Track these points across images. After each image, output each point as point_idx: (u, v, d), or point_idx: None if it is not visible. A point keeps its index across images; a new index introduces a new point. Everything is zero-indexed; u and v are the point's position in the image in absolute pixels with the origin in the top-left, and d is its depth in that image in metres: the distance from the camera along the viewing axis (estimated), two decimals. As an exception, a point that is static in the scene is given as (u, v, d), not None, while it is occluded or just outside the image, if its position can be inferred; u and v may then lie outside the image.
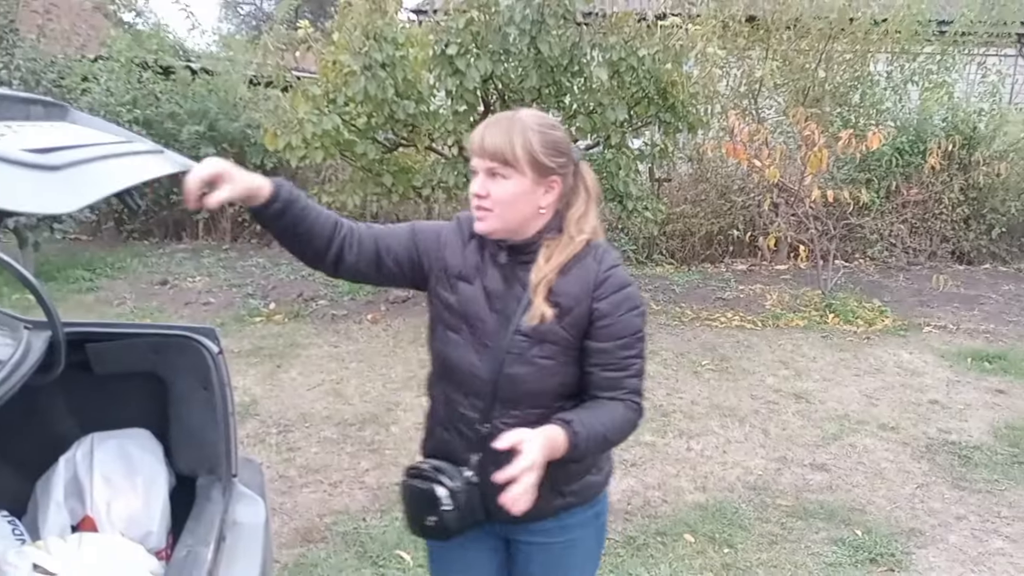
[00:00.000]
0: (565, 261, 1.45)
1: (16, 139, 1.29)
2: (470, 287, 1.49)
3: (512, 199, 1.42)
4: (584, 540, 1.62)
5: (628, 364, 1.46)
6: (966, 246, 8.46)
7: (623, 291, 1.46)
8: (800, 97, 8.08)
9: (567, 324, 1.44)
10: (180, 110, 8.23)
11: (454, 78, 5.23)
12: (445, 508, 1.43)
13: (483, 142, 1.42)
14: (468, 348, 1.47)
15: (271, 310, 6.18)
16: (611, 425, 1.45)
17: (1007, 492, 3.52)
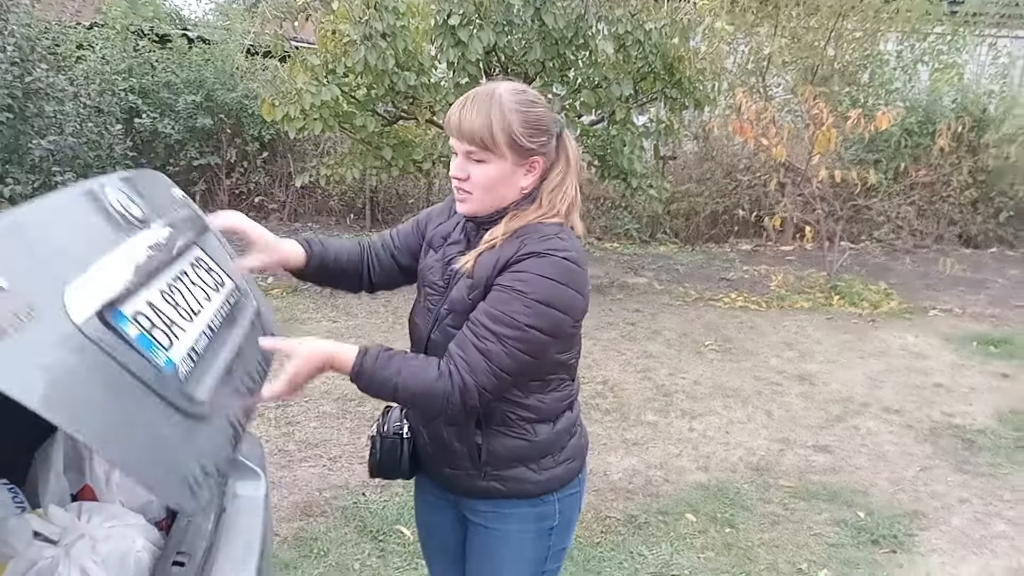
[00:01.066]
0: (517, 228, 1.39)
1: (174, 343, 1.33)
2: (433, 255, 1.53)
3: (492, 183, 1.38)
4: (520, 539, 1.52)
5: (482, 335, 1.33)
6: (973, 229, 8.40)
7: (524, 273, 1.33)
8: (809, 75, 7.96)
9: (474, 298, 1.39)
10: (176, 79, 8.09)
11: (456, 49, 5.12)
12: (369, 449, 1.58)
13: (460, 124, 1.35)
14: (419, 312, 1.53)
15: (269, 284, 6.12)
16: (410, 383, 1.33)
17: (1010, 476, 3.48)
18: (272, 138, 8.21)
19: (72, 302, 1.08)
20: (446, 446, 1.48)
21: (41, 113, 6.42)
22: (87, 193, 1.34)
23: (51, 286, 1.08)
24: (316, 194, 8.57)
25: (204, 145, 8.28)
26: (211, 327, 1.47)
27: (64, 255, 1.17)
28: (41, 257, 1.13)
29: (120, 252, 1.28)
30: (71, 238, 1.22)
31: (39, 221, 1.18)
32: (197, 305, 1.48)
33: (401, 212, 8.50)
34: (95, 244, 1.25)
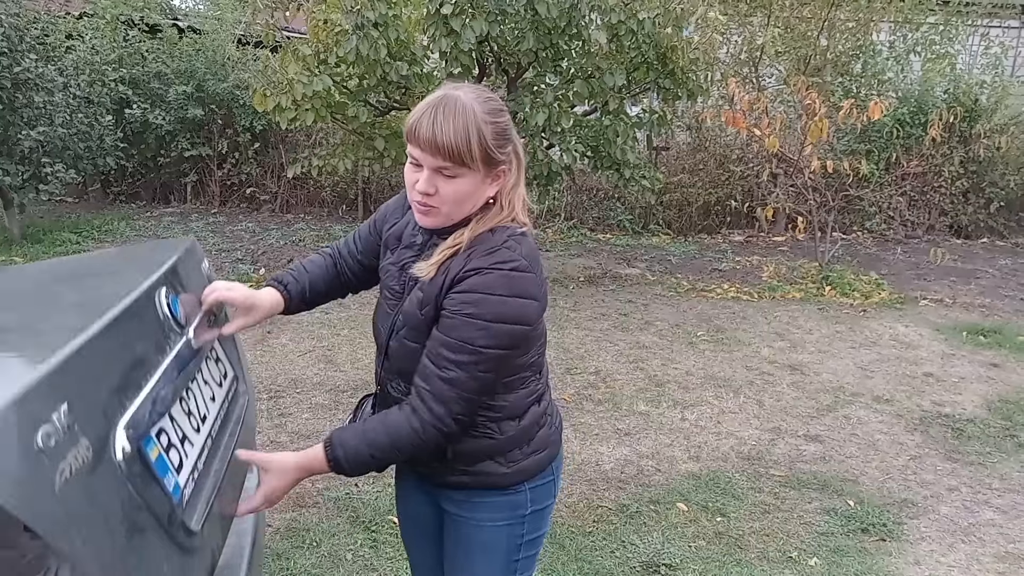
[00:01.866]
0: (480, 233, 1.36)
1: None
2: (389, 256, 1.51)
3: (462, 198, 1.33)
4: (491, 525, 1.52)
5: (443, 365, 1.33)
6: (964, 220, 8.43)
7: (471, 294, 1.31)
8: (801, 66, 7.96)
9: (426, 313, 1.38)
10: (167, 70, 8.05)
11: (449, 39, 5.09)
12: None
13: (434, 139, 1.27)
14: (380, 315, 1.52)
15: (261, 275, 6.11)
16: (384, 443, 1.37)
17: (999, 464, 3.51)
18: (264, 129, 8.17)
19: (119, 438, 1.11)
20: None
21: (30, 104, 6.38)
22: (147, 298, 1.38)
23: (105, 422, 1.10)
24: (308, 185, 8.54)
25: (195, 136, 8.24)
26: (211, 434, 1.50)
27: (120, 381, 1.20)
28: (103, 382, 1.15)
29: (163, 370, 1.32)
30: (128, 358, 1.25)
31: (104, 345, 1.18)
32: (205, 408, 1.51)
33: (394, 203, 8.47)
34: (145, 365, 1.29)
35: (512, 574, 1.57)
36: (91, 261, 1.80)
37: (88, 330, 1.15)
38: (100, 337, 1.16)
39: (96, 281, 1.60)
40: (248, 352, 4.45)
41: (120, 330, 1.25)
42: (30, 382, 0.97)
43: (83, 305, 1.38)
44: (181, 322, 1.47)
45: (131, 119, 7.82)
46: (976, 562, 2.77)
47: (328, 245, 1.74)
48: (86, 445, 1.02)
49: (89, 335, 1.14)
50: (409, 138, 1.32)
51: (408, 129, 1.32)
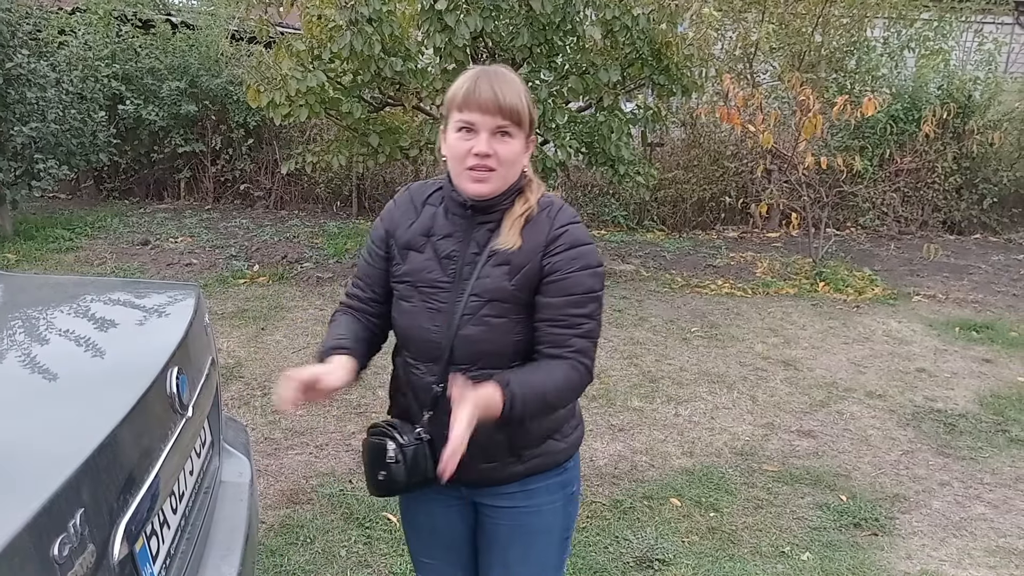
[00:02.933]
0: (532, 206, 1.44)
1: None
2: (419, 255, 1.48)
3: (515, 158, 1.41)
4: (550, 508, 1.58)
5: (577, 323, 1.41)
6: (957, 216, 8.45)
7: (576, 248, 1.42)
8: (796, 62, 7.97)
9: (517, 282, 1.41)
10: (160, 65, 8.00)
11: (443, 34, 5.08)
12: (391, 461, 1.43)
13: (499, 99, 1.35)
14: (421, 314, 1.46)
15: (255, 272, 6.09)
16: (551, 386, 1.41)
17: (990, 459, 3.53)
18: (258, 125, 8.14)
19: (118, 541, 1.12)
20: (486, 442, 1.44)
21: (23, 100, 6.34)
22: (159, 382, 1.38)
23: (110, 523, 1.11)
24: (302, 181, 8.51)
25: (189, 132, 8.21)
26: (185, 514, 1.50)
27: (127, 478, 1.19)
28: (114, 481, 1.15)
29: (163, 459, 1.33)
30: (137, 451, 1.26)
31: (119, 439, 1.18)
32: (184, 484, 1.51)
33: (387, 199, 8.35)
34: (151, 455, 1.30)
35: (563, 553, 1.64)
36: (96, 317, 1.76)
37: (108, 427, 1.15)
38: (117, 432, 1.17)
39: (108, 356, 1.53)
40: (242, 349, 4.46)
41: (134, 423, 1.25)
42: (54, 489, 0.97)
43: (100, 393, 1.34)
44: (185, 403, 1.47)
45: (124, 115, 7.78)
46: (967, 556, 2.79)
47: (342, 306, 1.61)
48: (91, 551, 1.02)
49: (109, 432, 1.14)
50: (463, 105, 1.37)
51: (461, 97, 1.37)
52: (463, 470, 1.44)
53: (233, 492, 1.87)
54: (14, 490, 0.98)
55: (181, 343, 1.54)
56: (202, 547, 1.59)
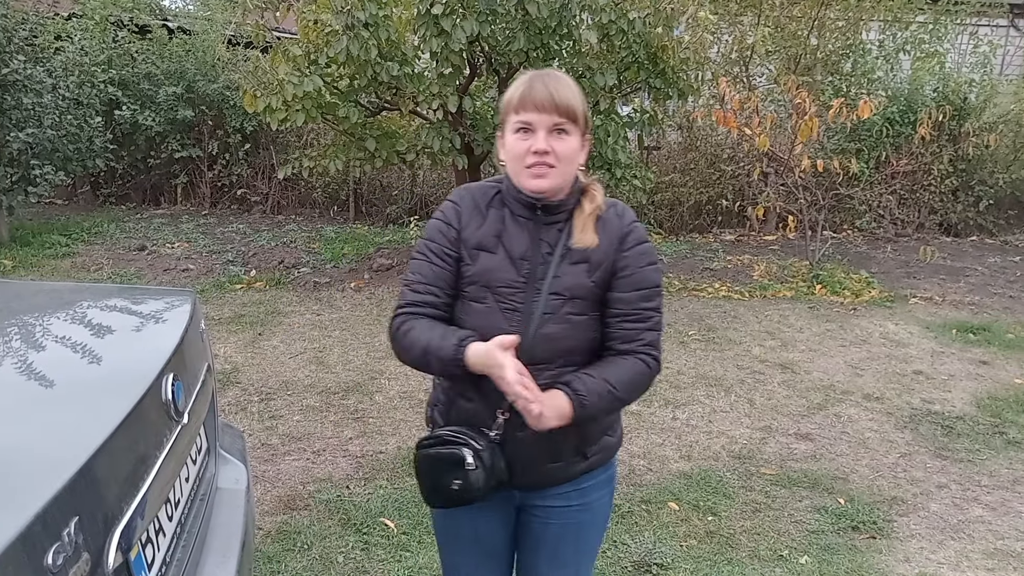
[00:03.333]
0: (600, 204, 1.49)
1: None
2: (491, 256, 1.48)
3: (573, 155, 1.45)
4: (599, 502, 1.64)
5: (647, 316, 1.48)
6: (953, 218, 8.47)
7: (644, 245, 1.50)
8: (791, 65, 7.99)
9: (596, 278, 1.46)
10: (157, 70, 8.01)
11: (439, 39, 5.09)
12: (470, 468, 1.42)
13: (555, 98, 1.41)
14: (495, 315, 1.47)
15: (252, 277, 6.09)
16: (619, 382, 1.45)
17: (988, 461, 3.53)
18: (254, 130, 8.15)
19: (112, 550, 1.11)
20: (557, 440, 1.46)
21: (19, 105, 6.33)
22: (155, 389, 1.38)
23: (104, 531, 1.10)
24: (299, 186, 8.52)
25: (185, 137, 8.21)
26: (181, 521, 1.49)
27: (122, 486, 1.19)
28: (110, 488, 1.15)
29: (158, 467, 1.33)
30: (132, 458, 1.26)
31: (115, 446, 1.18)
32: (180, 492, 1.50)
33: (385, 204, 8.46)
34: (146, 463, 1.30)
35: (600, 543, 1.74)
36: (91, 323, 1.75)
37: (103, 434, 1.14)
38: (112, 439, 1.16)
39: (104, 362, 1.53)
40: (239, 354, 4.45)
41: (129, 430, 1.25)
42: (48, 497, 0.96)
43: (95, 399, 1.34)
44: (181, 410, 1.47)
45: (121, 120, 7.78)
46: (965, 559, 2.78)
47: (411, 314, 1.51)
48: (86, 559, 1.01)
49: (104, 439, 1.13)
50: (519, 107, 1.43)
51: (517, 99, 1.43)
52: (526, 472, 1.50)
53: (229, 499, 1.86)
54: (7, 498, 0.97)
55: (176, 349, 1.53)
56: (198, 554, 1.58)
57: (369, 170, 6.73)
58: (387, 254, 6.67)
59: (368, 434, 3.57)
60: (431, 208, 8.11)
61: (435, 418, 1.62)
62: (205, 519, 1.68)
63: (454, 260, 1.50)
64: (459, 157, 5.73)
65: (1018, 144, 8.30)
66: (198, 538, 1.59)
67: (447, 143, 5.54)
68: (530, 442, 1.45)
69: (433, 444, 1.49)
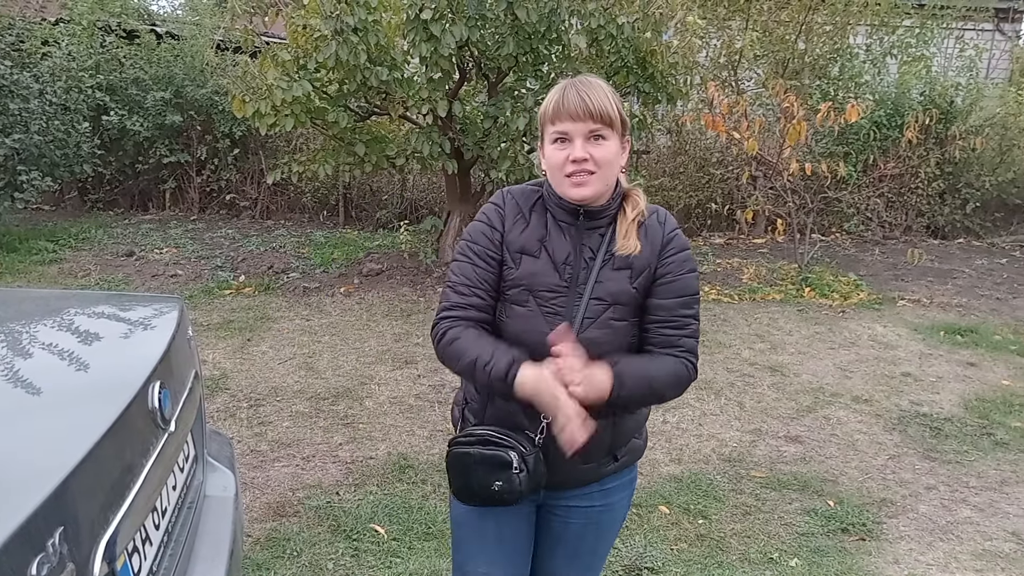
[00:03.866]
0: (643, 211, 1.50)
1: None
2: (535, 260, 1.49)
3: (613, 159, 1.45)
4: (620, 503, 1.66)
5: (685, 323, 1.49)
6: (941, 220, 8.53)
7: (684, 252, 1.51)
8: (780, 69, 8.04)
9: (638, 284, 1.47)
10: (145, 76, 7.98)
11: (428, 44, 5.09)
12: (516, 471, 1.43)
13: (588, 105, 1.41)
14: (537, 319, 1.47)
15: (241, 282, 6.06)
16: (658, 374, 1.46)
17: (976, 463, 3.55)
18: (243, 135, 8.12)
19: (98, 560, 1.10)
20: (591, 441, 1.44)
21: (5, 111, 6.30)
22: (141, 397, 1.38)
23: (90, 541, 1.09)
24: (288, 191, 8.50)
25: (174, 142, 8.18)
26: (168, 530, 1.48)
27: (108, 495, 1.18)
28: (96, 498, 1.14)
29: (145, 475, 1.32)
30: (119, 467, 1.25)
31: (101, 455, 1.17)
32: (167, 500, 1.49)
33: (374, 208, 8.45)
34: (132, 471, 1.29)
35: (614, 542, 1.79)
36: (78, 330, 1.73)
37: (89, 443, 1.13)
38: (98, 448, 1.15)
39: (90, 370, 1.51)
40: (228, 360, 4.43)
41: (116, 439, 1.24)
42: (32, 507, 0.95)
43: (81, 407, 1.33)
44: (167, 418, 1.46)
45: (108, 126, 7.74)
46: (954, 560, 2.80)
47: (457, 318, 1.50)
48: (71, 570, 1.01)
49: (89, 448, 1.13)
50: (555, 117, 1.44)
51: (552, 110, 1.44)
52: (560, 472, 1.51)
53: (217, 506, 1.85)
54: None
55: (163, 357, 1.52)
56: (186, 563, 1.57)
57: (359, 175, 6.72)
58: (377, 259, 6.65)
59: (358, 440, 3.56)
60: (421, 213, 8.11)
61: (467, 417, 1.60)
62: (193, 527, 1.67)
63: (497, 262, 1.51)
64: (449, 162, 5.73)
65: (1004, 147, 8.37)
66: (185, 546, 1.58)
67: (437, 147, 5.54)
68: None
69: (474, 443, 1.48)
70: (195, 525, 1.69)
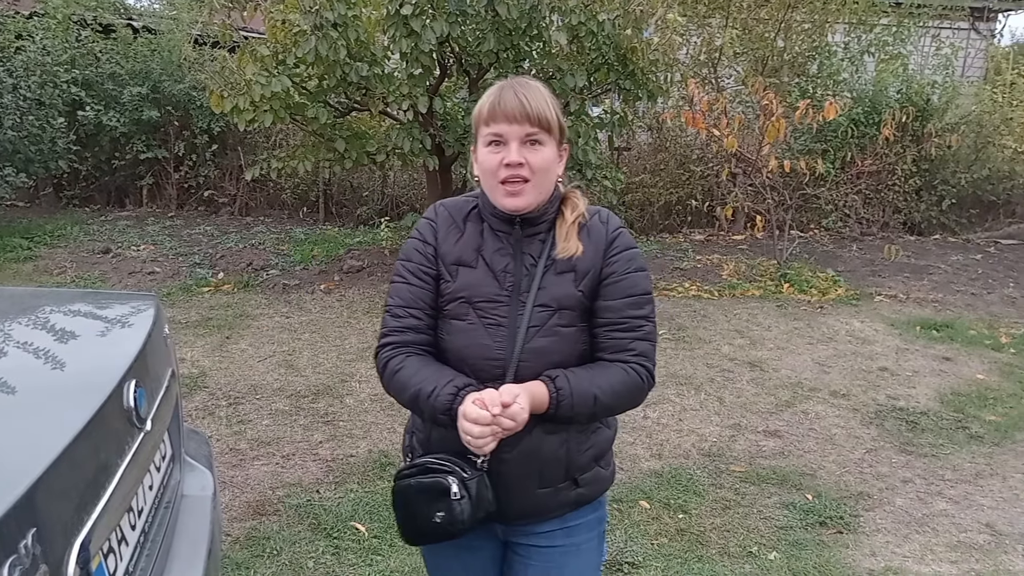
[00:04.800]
0: (583, 212, 1.45)
1: None
2: (472, 271, 1.43)
3: (549, 167, 1.40)
4: (587, 545, 1.53)
5: (636, 325, 1.41)
6: (917, 217, 8.63)
7: (631, 250, 1.45)
8: (759, 66, 8.08)
9: (584, 287, 1.41)
10: (121, 71, 7.87)
11: (409, 39, 5.07)
12: (456, 498, 1.34)
13: (526, 107, 1.35)
14: (478, 331, 1.40)
15: (219, 280, 6.01)
16: (606, 387, 1.38)
17: (951, 456, 3.60)
18: (222, 131, 8.04)
19: (72, 562, 1.09)
20: (545, 461, 1.41)
21: (-23, 106, 6.19)
22: (116, 396, 1.35)
23: (64, 542, 1.08)
24: (268, 187, 8.43)
25: (151, 138, 8.08)
26: (144, 530, 1.47)
27: (82, 496, 1.17)
28: (70, 498, 1.12)
29: (120, 475, 1.30)
30: (93, 467, 1.23)
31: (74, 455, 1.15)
32: (143, 500, 1.47)
33: (355, 205, 8.40)
34: (107, 471, 1.27)
35: None
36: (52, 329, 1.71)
37: (62, 443, 1.12)
38: (72, 448, 1.14)
39: (64, 369, 1.49)
40: (207, 358, 4.39)
41: (90, 438, 1.22)
42: (4, 508, 0.94)
43: (54, 407, 1.31)
44: (143, 417, 1.44)
45: (84, 121, 7.63)
46: (930, 552, 2.84)
47: (396, 344, 1.44)
48: (44, 572, 0.99)
49: (63, 448, 1.11)
50: (489, 118, 1.38)
51: (487, 111, 1.38)
52: (516, 498, 1.42)
53: (195, 506, 1.83)
54: (-39, 511, 0.95)
55: (139, 355, 1.51)
56: (163, 563, 1.55)
57: (339, 171, 6.68)
58: (358, 256, 6.62)
59: (338, 438, 3.54)
60: (402, 209, 8.08)
61: (414, 446, 1.52)
62: (170, 527, 1.66)
63: (432, 278, 1.45)
64: (429, 158, 5.71)
65: (979, 144, 8.48)
66: (163, 546, 1.56)
67: (417, 144, 5.52)
68: (518, 465, 1.39)
69: (415, 473, 1.40)
70: (172, 525, 1.68)
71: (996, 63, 10.02)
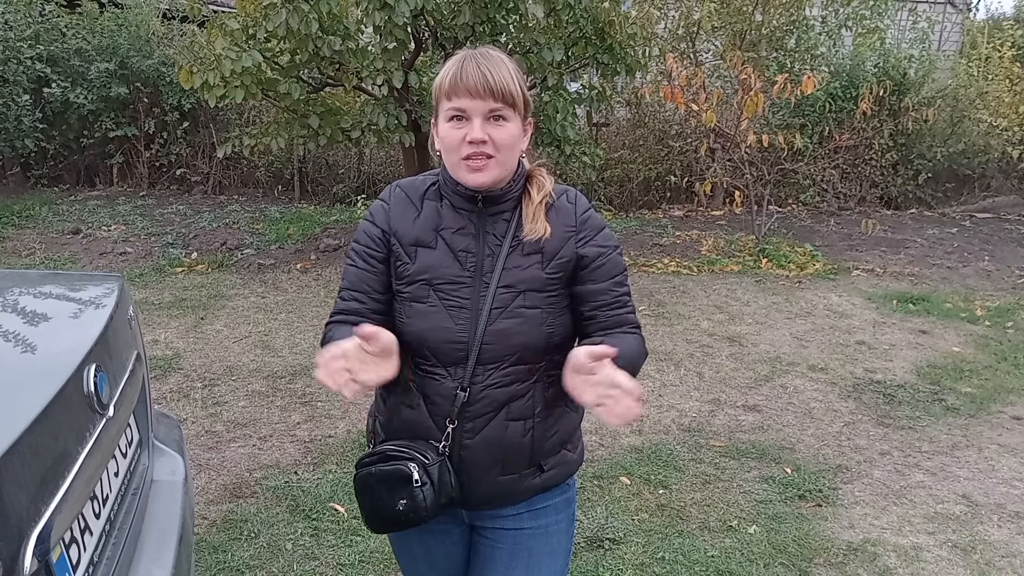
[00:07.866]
0: (550, 192, 1.40)
1: None
2: (431, 251, 1.37)
3: (513, 143, 1.34)
4: (555, 527, 1.51)
5: (624, 301, 1.42)
6: (894, 191, 8.68)
7: (604, 231, 1.42)
8: (737, 41, 8.04)
9: (551, 268, 1.36)
10: (88, 46, 7.65)
11: (382, 12, 4.95)
12: (418, 485, 1.31)
13: (490, 81, 1.28)
14: (440, 314, 1.35)
15: (193, 260, 5.90)
16: (638, 353, 1.41)
17: (928, 428, 3.64)
18: (193, 107, 7.87)
19: (28, 555, 1.05)
20: (509, 448, 1.38)
21: (-64, 82, 5.99)
22: (75, 381, 1.30)
23: (19, 536, 1.04)
24: (242, 165, 8.27)
25: (120, 115, 7.89)
26: (110, 518, 1.42)
27: (39, 487, 1.12)
28: (24, 491, 1.08)
29: (80, 463, 1.25)
30: (51, 456, 1.18)
31: (30, 444, 1.11)
32: (108, 488, 1.43)
33: (331, 183, 8.28)
34: (66, 459, 1.22)
35: (566, 575, 1.56)
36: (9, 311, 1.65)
37: (16, 431, 1.07)
38: (27, 436, 1.09)
39: (20, 354, 1.43)
40: (180, 340, 4.31)
41: (47, 426, 1.17)
42: None
43: (9, 393, 1.25)
44: (105, 402, 1.38)
45: (50, 98, 7.43)
46: (907, 523, 2.86)
47: (335, 323, 1.40)
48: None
49: (17, 436, 1.06)
50: (451, 92, 1.30)
51: (448, 84, 1.31)
52: (478, 484, 1.39)
53: (166, 491, 1.79)
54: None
55: (100, 338, 1.45)
56: (131, 550, 1.51)
57: (313, 148, 6.54)
58: (334, 234, 6.54)
59: (316, 418, 3.50)
60: (379, 187, 7.98)
61: (376, 430, 1.49)
62: (139, 514, 1.61)
63: (379, 260, 1.40)
64: (405, 134, 5.62)
65: (955, 119, 8.52)
66: (131, 534, 1.52)
67: (393, 120, 5.42)
68: (480, 451, 1.36)
69: (376, 461, 1.37)
70: (141, 511, 1.63)
71: (972, 37, 10.05)
